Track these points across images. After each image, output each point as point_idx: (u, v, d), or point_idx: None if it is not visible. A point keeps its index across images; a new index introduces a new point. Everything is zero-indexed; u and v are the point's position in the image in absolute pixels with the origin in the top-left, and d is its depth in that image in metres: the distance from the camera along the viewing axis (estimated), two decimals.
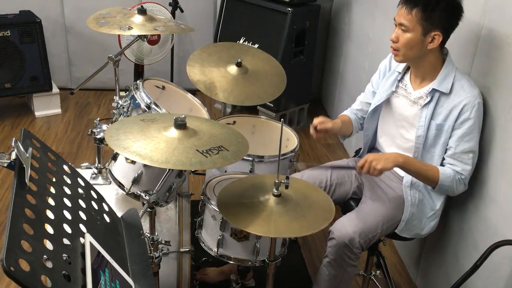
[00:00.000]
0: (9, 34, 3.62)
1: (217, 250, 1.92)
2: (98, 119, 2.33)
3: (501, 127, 1.81)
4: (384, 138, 2.11)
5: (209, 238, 1.96)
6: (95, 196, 1.37)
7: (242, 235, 1.86)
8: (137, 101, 2.08)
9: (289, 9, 3.55)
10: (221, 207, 1.62)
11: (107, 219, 1.34)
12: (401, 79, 2.01)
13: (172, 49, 4.02)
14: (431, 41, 1.79)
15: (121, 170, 1.92)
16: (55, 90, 3.97)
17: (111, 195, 2.24)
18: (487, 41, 1.91)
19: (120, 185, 1.91)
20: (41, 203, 1.07)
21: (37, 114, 3.94)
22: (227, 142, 1.60)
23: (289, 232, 1.61)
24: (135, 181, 1.87)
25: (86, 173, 2.38)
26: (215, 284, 2.34)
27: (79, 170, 2.14)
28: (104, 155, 2.41)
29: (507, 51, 1.78)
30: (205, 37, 4.32)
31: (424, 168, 1.88)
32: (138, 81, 2.18)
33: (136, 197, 1.88)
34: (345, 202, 2.15)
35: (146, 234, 1.77)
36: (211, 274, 2.35)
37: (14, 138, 1.11)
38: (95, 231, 1.19)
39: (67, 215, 1.15)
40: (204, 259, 2.29)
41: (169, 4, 3.88)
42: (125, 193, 1.90)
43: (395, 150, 2.05)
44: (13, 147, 1.08)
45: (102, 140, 2.27)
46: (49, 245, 0.99)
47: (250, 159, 2.15)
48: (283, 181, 1.61)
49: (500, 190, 1.81)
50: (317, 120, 2.04)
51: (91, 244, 1.09)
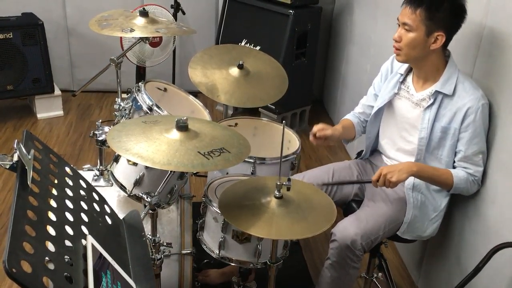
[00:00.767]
0: (12, 36, 3.63)
1: (219, 252, 1.92)
2: (100, 121, 2.33)
3: (504, 128, 1.80)
4: (386, 141, 2.11)
5: (211, 240, 1.96)
6: (97, 198, 1.37)
7: (244, 237, 1.86)
8: (139, 103, 2.08)
9: (291, 11, 3.56)
10: (223, 209, 1.62)
11: (109, 221, 1.34)
12: (403, 81, 2.01)
13: (174, 51, 4.02)
14: (434, 42, 1.79)
15: (123, 172, 1.92)
16: (57, 92, 3.98)
17: (113, 197, 2.23)
18: (490, 42, 1.90)
19: (122, 187, 1.91)
20: (43, 205, 1.07)
21: (39, 116, 3.95)
22: (229, 144, 1.60)
23: (291, 234, 1.61)
24: (137, 183, 1.87)
25: (88, 175, 2.38)
26: (217, 286, 2.34)
27: (81, 172, 2.14)
28: (106, 157, 2.41)
29: (510, 52, 1.78)
30: (207, 39, 4.33)
31: (438, 174, 1.87)
32: (140, 83, 2.19)
33: (138, 199, 1.88)
34: (347, 204, 2.15)
35: (148, 236, 1.77)
36: (213, 276, 2.35)
37: (16, 140, 1.11)
38: (97, 233, 1.19)
39: (69, 217, 1.15)
40: (206, 261, 2.29)
41: (171, 6, 3.89)
42: (127, 195, 1.90)
43: (397, 153, 2.05)
44: (15, 149, 1.08)
45: (104, 142, 2.27)
46: (51, 247, 0.99)
47: (252, 161, 2.15)
48: (285, 183, 1.61)
49: (502, 192, 1.80)
50: (317, 127, 2.04)
51: (93, 246, 1.09)
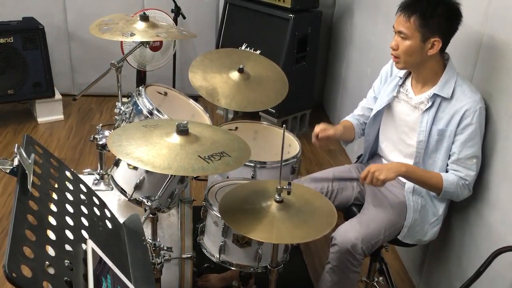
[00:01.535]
0: (12, 41, 3.64)
1: (219, 256, 1.92)
2: (101, 125, 2.33)
3: (503, 133, 1.80)
4: (386, 144, 2.11)
5: (211, 244, 1.96)
6: (97, 202, 1.37)
7: (244, 241, 1.86)
8: (139, 107, 2.09)
9: (291, 15, 3.56)
10: (223, 213, 1.62)
11: (109, 225, 1.34)
12: (402, 84, 2.01)
13: (174, 55, 4.03)
14: (431, 47, 1.79)
15: (123, 176, 1.92)
16: (58, 96, 3.98)
17: (113, 201, 2.24)
18: (489, 47, 1.91)
19: (122, 191, 1.91)
20: (43, 209, 1.07)
21: (40, 120, 3.96)
22: (229, 148, 1.60)
23: (291, 238, 1.61)
24: (137, 187, 1.87)
25: (88, 179, 2.38)
26: None
27: (81, 176, 2.14)
28: (106, 161, 2.41)
29: (509, 57, 1.78)
30: (207, 43, 4.33)
31: (427, 176, 1.87)
32: (141, 87, 2.19)
33: (138, 203, 1.88)
34: (347, 208, 2.14)
35: (148, 240, 1.77)
36: (213, 281, 2.34)
37: (17, 144, 1.11)
38: (97, 237, 1.19)
39: (69, 221, 1.15)
40: (206, 265, 2.29)
41: (172, 11, 3.89)
42: (127, 199, 1.90)
43: (397, 156, 2.05)
44: (16, 153, 1.09)
45: (104, 146, 2.27)
46: (51, 251, 0.99)
47: (252, 165, 2.15)
48: (285, 187, 1.60)
49: (503, 196, 1.80)
50: (319, 128, 2.03)
51: (93, 250, 1.09)
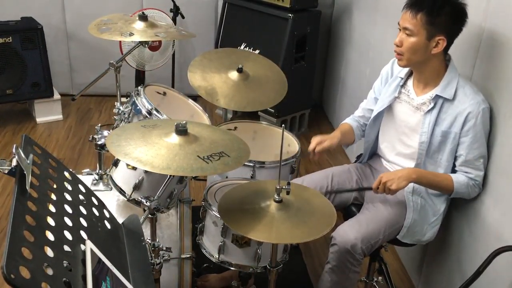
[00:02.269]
0: (11, 41, 3.63)
1: (218, 256, 1.91)
2: (100, 125, 2.33)
3: (504, 131, 1.80)
4: (386, 145, 2.11)
5: (210, 244, 1.95)
6: (96, 203, 1.37)
7: (244, 241, 1.86)
8: (138, 107, 2.08)
9: (290, 15, 3.56)
10: (222, 213, 1.62)
11: (108, 226, 1.33)
12: (404, 85, 2.00)
13: (174, 55, 4.02)
14: (435, 46, 1.79)
15: (122, 176, 1.91)
16: (57, 96, 3.98)
17: (112, 202, 2.23)
18: (489, 45, 1.91)
19: (121, 191, 1.91)
20: (42, 210, 1.07)
21: (39, 120, 3.95)
22: (228, 148, 1.59)
23: (291, 238, 1.61)
24: (136, 187, 1.86)
25: (87, 179, 2.38)
26: None
27: (80, 177, 2.13)
28: (105, 161, 2.41)
29: (509, 55, 1.78)
30: (206, 43, 4.33)
31: (438, 180, 1.88)
32: (139, 87, 2.18)
33: (137, 204, 1.88)
34: (347, 208, 2.14)
35: (147, 241, 1.77)
36: (212, 281, 2.34)
37: (15, 145, 1.11)
38: (96, 238, 1.19)
39: (68, 222, 1.14)
40: (205, 266, 2.29)
41: (170, 11, 3.89)
42: (126, 200, 1.90)
43: (396, 157, 2.05)
44: (14, 154, 1.08)
45: (103, 146, 2.27)
46: (50, 252, 0.99)
47: (251, 165, 2.15)
48: (285, 187, 1.60)
49: (503, 196, 1.80)
50: (315, 142, 2.03)
51: (92, 251, 1.09)
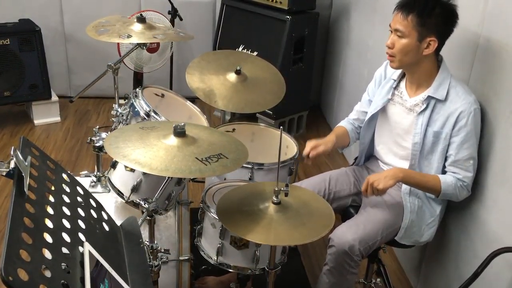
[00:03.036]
0: (9, 43, 3.63)
1: (217, 258, 1.91)
2: (98, 127, 2.33)
3: (501, 134, 1.81)
4: (381, 146, 2.11)
5: (209, 246, 1.95)
6: (94, 205, 1.36)
7: (242, 243, 1.85)
8: (137, 109, 2.08)
9: (288, 17, 3.57)
10: (221, 215, 1.62)
11: (106, 228, 1.33)
12: (397, 87, 2.01)
13: (172, 57, 4.03)
14: (427, 47, 1.79)
15: (120, 178, 1.91)
16: (54, 98, 3.97)
17: (110, 203, 2.23)
18: (485, 49, 1.91)
19: (119, 193, 1.90)
20: (40, 212, 1.06)
21: (36, 122, 3.94)
22: (227, 150, 1.59)
23: (289, 240, 1.61)
24: (134, 189, 1.86)
25: (85, 181, 2.38)
26: None
27: (78, 178, 2.14)
28: (103, 163, 2.41)
29: (505, 59, 1.79)
30: (204, 45, 4.33)
31: (425, 180, 1.88)
32: (138, 89, 2.18)
33: (135, 205, 1.87)
34: (345, 210, 2.14)
35: (146, 243, 1.76)
36: (211, 283, 2.33)
37: (13, 147, 1.11)
38: (94, 240, 1.19)
39: (66, 224, 1.14)
40: (204, 267, 2.28)
41: (168, 12, 3.89)
42: (124, 201, 1.90)
43: (392, 158, 2.05)
44: (12, 156, 1.08)
45: (101, 148, 2.27)
46: (48, 254, 0.99)
47: (250, 167, 2.15)
48: (283, 189, 1.60)
49: (500, 197, 1.80)
50: (309, 147, 2.03)
51: (90, 253, 1.09)
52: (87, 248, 1.09)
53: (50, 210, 1.12)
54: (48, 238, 1.03)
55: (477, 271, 1.60)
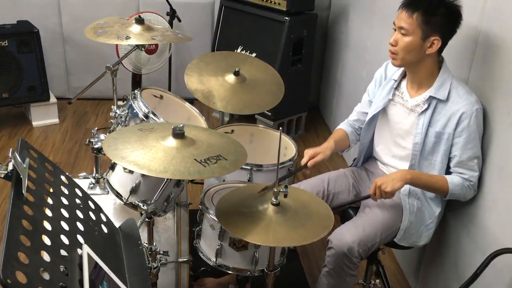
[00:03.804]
0: (7, 44, 3.62)
1: (216, 260, 1.91)
2: (96, 129, 2.32)
3: (500, 133, 1.81)
4: (381, 147, 2.11)
5: (208, 248, 1.95)
6: (93, 207, 1.36)
7: (241, 245, 1.85)
8: (135, 111, 2.08)
9: (287, 18, 3.57)
10: (220, 217, 1.62)
11: (105, 230, 1.33)
12: (397, 87, 2.01)
13: (170, 59, 4.02)
14: (430, 46, 1.80)
15: (119, 180, 1.91)
16: (53, 100, 3.97)
17: (109, 205, 2.23)
18: (485, 47, 1.91)
19: (118, 195, 1.90)
20: (38, 214, 1.06)
21: (35, 124, 3.94)
22: (226, 151, 1.59)
23: (288, 241, 1.61)
24: (133, 191, 1.86)
25: (84, 183, 2.38)
26: None
27: (77, 180, 2.14)
28: (102, 165, 2.40)
29: (505, 57, 1.79)
30: (203, 46, 4.33)
31: (432, 181, 1.88)
32: (136, 91, 2.18)
33: (134, 207, 1.87)
34: (344, 211, 2.14)
35: (144, 244, 1.76)
36: (210, 284, 2.33)
37: (12, 149, 1.10)
38: (93, 242, 1.18)
39: (65, 226, 1.14)
40: (203, 269, 2.28)
41: (167, 14, 3.89)
42: (123, 203, 1.89)
43: (392, 159, 2.05)
44: (10, 158, 1.08)
45: (100, 150, 2.27)
46: (46, 257, 0.98)
47: (249, 168, 2.15)
48: (282, 190, 1.60)
49: (499, 198, 1.80)
50: (307, 156, 2.02)
51: (89, 255, 1.08)
52: (86, 250, 1.09)
53: (49, 212, 1.12)
54: (47, 240, 1.03)
55: (477, 272, 1.60)
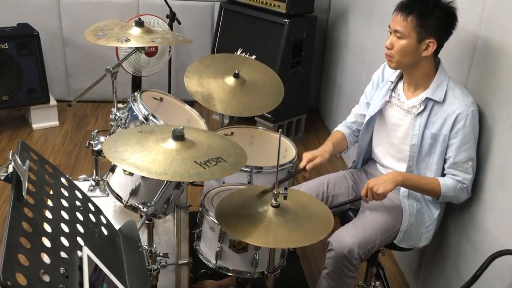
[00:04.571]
0: (7, 47, 3.62)
1: (216, 262, 1.91)
2: (96, 131, 2.32)
3: (499, 136, 1.81)
4: (379, 149, 2.12)
5: (208, 250, 1.95)
6: (93, 209, 1.36)
7: (241, 247, 1.85)
8: (135, 113, 2.08)
9: (286, 21, 3.57)
10: (220, 219, 1.62)
11: (105, 232, 1.33)
12: (394, 89, 2.02)
13: (170, 61, 4.03)
14: (426, 49, 1.80)
15: (119, 182, 1.91)
16: (53, 102, 3.97)
17: (109, 207, 2.23)
18: (484, 51, 1.92)
19: (118, 197, 1.90)
20: (38, 216, 1.06)
21: (35, 126, 3.94)
22: (225, 153, 1.59)
23: (288, 243, 1.61)
24: (133, 193, 1.86)
25: (84, 185, 2.38)
26: None
27: (77, 183, 2.13)
28: (102, 167, 2.40)
29: (503, 60, 1.79)
30: (203, 49, 4.34)
31: (424, 183, 1.88)
32: (136, 93, 2.19)
33: (134, 209, 1.87)
34: (344, 213, 2.14)
35: (144, 246, 1.76)
36: (210, 287, 2.33)
37: (12, 151, 1.11)
38: (93, 244, 1.18)
39: (65, 228, 1.14)
40: (203, 271, 2.28)
41: (167, 16, 3.90)
42: (123, 205, 1.90)
43: (391, 160, 2.06)
44: (11, 160, 1.08)
45: (100, 152, 2.27)
46: (46, 259, 0.98)
47: (248, 170, 2.15)
48: (282, 192, 1.60)
49: (499, 200, 1.80)
50: (306, 160, 2.01)
51: (89, 257, 1.08)
52: (86, 252, 1.09)
53: (49, 215, 1.12)
54: (47, 243, 1.03)
55: (476, 274, 1.59)
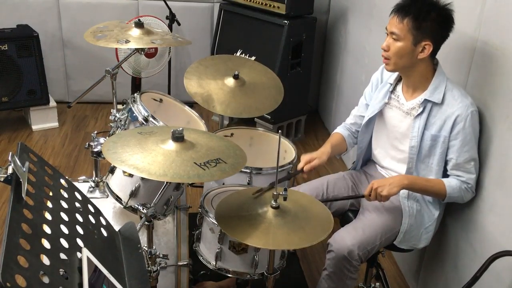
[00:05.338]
0: (7, 48, 3.62)
1: (216, 263, 1.91)
2: (96, 132, 2.32)
3: (499, 137, 1.81)
4: (379, 150, 2.12)
5: (207, 251, 1.95)
6: (92, 210, 1.36)
7: (241, 248, 1.85)
8: (135, 114, 2.08)
9: (286, 22, 3.58)
10: (219, 220, 1.62)
11: (105, 233, 1.33)
12: (393, 91, 2.02)
13: (170, 62, 4.03)
14: (422, 51, 1.80)
15: (119, 184, 1.91)
16: (52, 104, 3.97)
17: (109, 209, 2.23)
18: (483, 53, 1.92)
19: (118, 199, 1.90)
20: (38, 218, 1.06)
21: (34, 128, 3.94)
22: (225, 155, 1.59)
23: (288, 244, 1.60)
24: (133, 195, 1.86)
25: (83, 187, 2.37)
26: None
27: (76, 184, 2.13)
28: (102, 169, 2.40)
29: (502, 62, 1.79)
30: (202, 50, 4.34)
31: (430, 185, 1.88)
32: (136, 94, 2.18)
33: (134, 211, 1.87)
34: (343, 214, 2.14)
35: (144, 248, 1.76)
36: None
37: (11, 153, 1.10)
38: (92, 246, 1.18)
39: (64, 230, 1.14)
40: (203, 273, 2.28)
41: (166, 18, 3.90)
42: (123, 207, 1.89)
43: (390, 162, 2.06)
44: (10, 162, 1.08)
45: (100, 153, 2.27)
46: (46, 260, 0.98)
47: (248, 171, 2.15)
48: (281, 193, 1.60)
49: (499, 201, 1.80)
50: (303, 161, 2.02)
51: (88, 259, 1.08)
52: (85, 254, 1.09)
53: (48, 216, 1.12)
54: (46, 244, 1.03)
55: (476, 275, 1.60)
